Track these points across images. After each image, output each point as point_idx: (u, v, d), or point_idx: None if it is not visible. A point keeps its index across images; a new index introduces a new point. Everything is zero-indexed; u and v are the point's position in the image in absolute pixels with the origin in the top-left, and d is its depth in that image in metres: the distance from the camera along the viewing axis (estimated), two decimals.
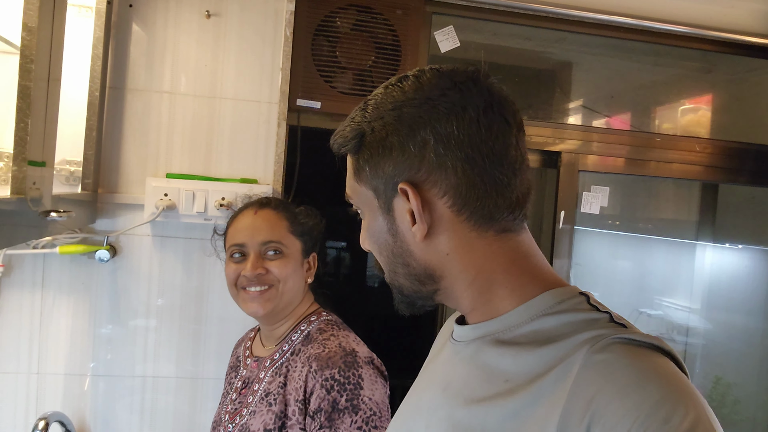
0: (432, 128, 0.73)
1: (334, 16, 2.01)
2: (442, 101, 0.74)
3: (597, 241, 2.85)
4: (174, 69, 1.91)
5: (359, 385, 1.28)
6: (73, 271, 1.88)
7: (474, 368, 0.75)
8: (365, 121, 0.78)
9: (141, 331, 1.92)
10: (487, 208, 0.74)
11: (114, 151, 1.89)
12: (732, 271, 2.70)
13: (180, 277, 1.93)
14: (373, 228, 0.81)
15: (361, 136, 0.78)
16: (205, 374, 1.95)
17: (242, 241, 1.45)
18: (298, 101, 1.98)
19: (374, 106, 0.78)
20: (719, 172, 2.39)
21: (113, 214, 1.88)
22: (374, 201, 0.79)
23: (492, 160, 0.73)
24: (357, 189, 0.82)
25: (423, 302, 0.82)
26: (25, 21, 1.20)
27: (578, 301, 0.74)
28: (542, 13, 2.17)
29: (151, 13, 1.88)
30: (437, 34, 2.12)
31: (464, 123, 0.73)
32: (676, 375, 0.62)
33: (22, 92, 1.21)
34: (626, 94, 2.92)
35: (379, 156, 0.76)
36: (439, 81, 0.75)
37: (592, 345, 0.64)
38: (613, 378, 0.60)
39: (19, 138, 1.22)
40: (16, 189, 1.22)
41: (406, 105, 0.75)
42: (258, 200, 1.54)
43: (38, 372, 1.87)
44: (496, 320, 0.76)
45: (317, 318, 1.48)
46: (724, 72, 2.72)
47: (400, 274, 0.80)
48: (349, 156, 0.82)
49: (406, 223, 0.76)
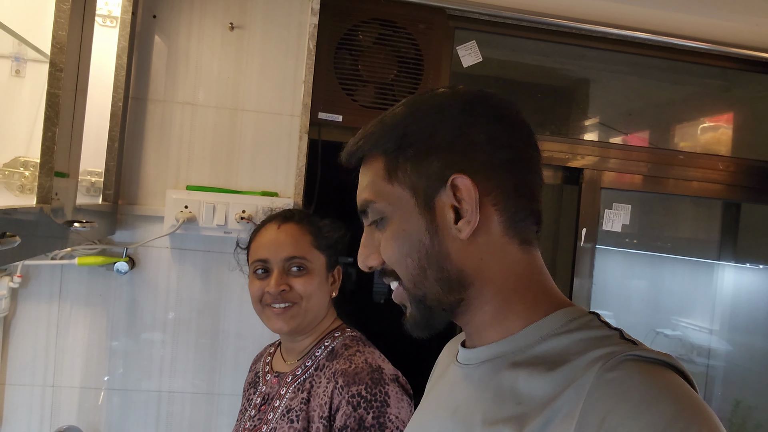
0: (480, 128, 0.76)
1: (357, 30, 2.01)
2: (485, 107, 0.77)
3: (614, 260, 2.82)
4: (196, 80, 1.90)
5: (386, 403, 1.25)
6: (90, 283, 1.86)
7: (484, 391, 0.74)
8: (403, 121, 0.78)
9: (157, 345, 1.90)
10: (523, 213, 0.77)
11: (135, 162, 1.87)
12: (754, 292, 2.66)
13: (198, 290, 1.91)
14: (405, 230, 0.77)
15: (402, 134, 0.77)
16: (221, 389, 1.92)
17: (265, 257, 1.42)
18: (319, 114, 1.97)
19: (411, 109, 0.79)
20: (742, 191, 2.36)
21: (132, 226, 1.87)
22: (410, 201, 0.76)
23: (530, 167, 0.77)
24: (385, 191, 0.78)
25: (441, 317, 0.78)
26: (55, 31, 1.20)
27: (589, 319, 0.74)
28: (563, 28, 2.17)
29: (174, 24, 1.88)
30: (460, 49, 2.11)
31: (508, 127, 0.77)
32: (688, 392, 0.61)
33: (50, 101, 1.20)
34: (644, 112, 2.90)
35: (425, 153, 0.76)
36: (475, 93, 0.79)
37: (603, 363, 0.63)
38: (625, 397, 0.60)
39: (46, 147, 1.21)
40: (41, 199, 1.20)
41: (451, 108, 0.77)
42: (281, 213, 1.51)
43: (53, 385, 1.85)
44: (506, 341, 0.75)
45: (341, 334, 1.45)
46: (744, 90, 2.70)
47: (429, 279, 0.76)
48: (374, 159, 0.80)
49: (447, 220, 0.75)
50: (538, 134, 0.80)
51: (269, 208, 1.62)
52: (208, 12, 1.89)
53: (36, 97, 1.37)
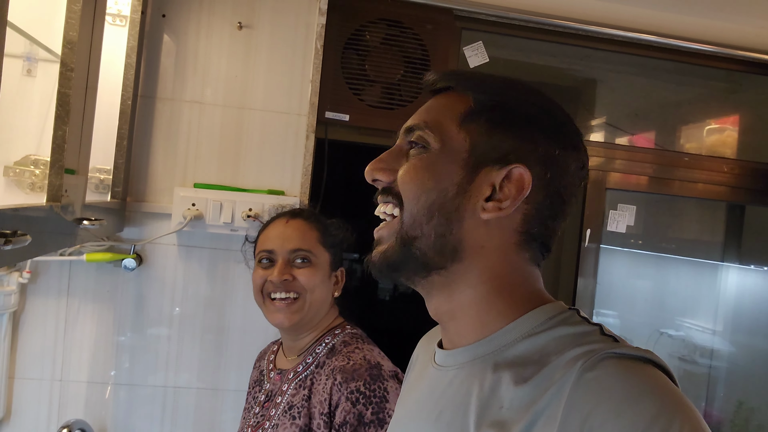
0: (563, 152, 0.76)
1: (364, 30, 2.02)
2: (572, 133, 0.78)
3: (619, 260, 2.83)
4: (204, 79, 1.92)
5: (385, 399, 1.27)
6: (98, 279, 1.88)
7: (466, 395, 0.72)
8: (506, 89, 0.78)
9: (164, 341, 1.92)
10: (540, 236, 0.77)
11: (143, 159, 1.89)
12: (757, 294, 2.66)
13: (204, 287, 1.93)
14: (441, 170, 0.75)
15: (500, 98, 0.77)
16: (227, 385, 1.94)
17: (271, 248, 1.45)
18: (326, 113, 1.98)
19: (516, 85, 0.79)
20: (746, 193, 2.36)
21: (140, 223, 1.89)
22: (463, 153, 0.75)
23: (566, 211, 0.79)
24: (449, 129, 0.76)
25: (414, 269, 0.76)
26: (66, 31, 1.21)
27: (568, 315, 0.73)
28: (570, 29, 2.17)
29: (183, 23, 1.90)
30: (466, 50, 2.12)
31: (575, 165, 0.77)
32: (670, 388, 0.61)
33: (61, 100, 1.22)
34: (650, 113, 2.90)
35: (509, 126, 0.75)
36: (567, 115, 0.79)
37: (583, 362, 0.63)
38: (607, 396, 0.59)
39: (56, 146, 1.22)
40: (51, 197, 1.22)
41: (550, 112, 0.78)
42: (291, 210, 1.54)
43: (61, 379, 1.87)
44: (486, 341, 0.74)
45: (342, 331, 1.46)
46: (751, 92, 2.70)
47: (431, 224, 0.74)
48: (458, 96, 0.78)
49: (480, 192, 0.74)
50: None
51: (278, 206, 1.64)
52: (216, 11, 1.91)
53: (47, 96, 1.39)
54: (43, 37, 1.32)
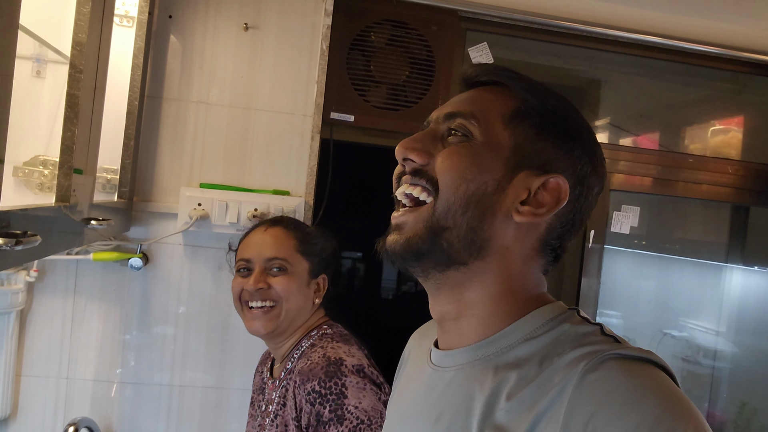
0: (594, 176, 0.79)
1: (370, 31, 2.03)
2: (600, 152, 0.80)
3: (623, 261, 2.83)
4: (211, 80, 1.93)
5: (342, 394, 1.25)
6: (105, 278, 1.89)
7: (467, 397, 0.71)
8: (553, 97, 0.79)
9: (169, 340, 1.93)
10: (555, 249, 0.79)
11: (149, 159, 1.90)
12: (761, 295, 2.66)
13: (210, 286, 1.94)
14: (482, 162, 0.74)
15: (550, 104, 0.77)
16: (232, 384, 1.95)
17: (249, 257, 1.46)
18: (331, 114, 1.99)
19: (560, 96, 0.80)
20: (751, 195, 2.37)
21: (147, 223, 1.90)
22: (505, 152, 0.74)
23: (578, 227, 0.80)
24: (495, 125, 0.76)
25: (434, 259, 0.74)
26: (75, 33, 1.22)
27: (568, 315, 0.74)
28: (574, 31, 2.18)
29: (189, 24, 1.91)
30: (471, 51, 2.13)
31: (597, 187, 0.80)
32: (673, 389, 0.61)
33: (70, 101, 1.23)
34: (655, 114, 2.90)
35: (553, 134, 0.76)
36: (595, 134, 0.81)
37: (586, 363, 0.63)
38: (610, 397, 0.59)
39: (65, 147, 1.23)
40: (60, 197, 1.23)
41: (586, 129, 0.80)
42: (271, 218, 1.56)
43: (67, 377, 1.89)
44: (486, 342, 0.74)
45: (317, 332, 1.46)
46: (755, 93, 2.70)
47: (467, 215, 0.73)
48: (506, 95, 0.78)
49: (516, 194, 0.74)
50: None
51: (261, 214, 1.65)
52: (223, 12, 1.92)
53: (55, 96, 1.40)
54: (52, 38, 1.33)
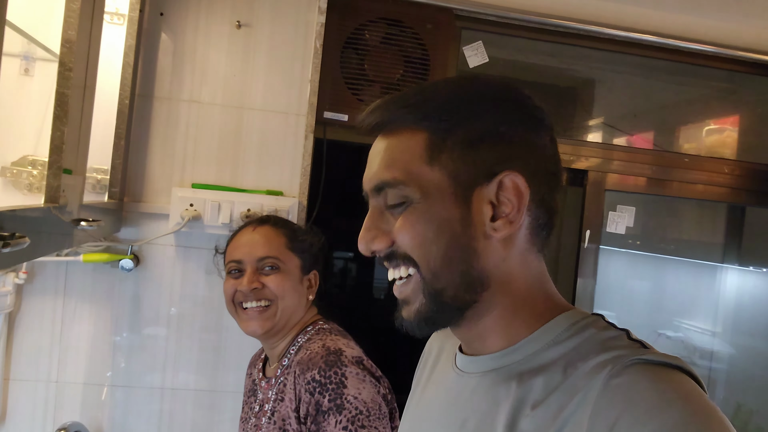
0: (535, 134, 0.74)
1: (364, 29, 2.01)
2: (536, 111, 0.75)
3: (618, 261, 2.82)
4: (203, 78, 1.90)
5: (342, 384, 1.24)
6: (95, 280, 1.86)
7: (493, 404, 0.71)
8: (455, 99, 0.73)
9: (161, 342, 1.90)
10: (546, 222, 0.75)
11: (140, 159, 1.88)
12: (757, 295, 2.66)
13: (202, 288, 1.91)
14: (436, 217, 0.71)
15: (454, 112, 0.72)
16: (225, 387, 1.92)
17: (239, 258, 1.44)
18: (325, 114, 1.97)
19: (461, 88, 0.75)
20: (747, 195, 2.36)
21: (138, 223, 1.87)
22: (448, 188, 0.71)
23: (558, 183, 0.77)
24: (421, 173, 0.71)
25: (450, 315, 0.74)
26: (65, 30, 1.19)
27: (592, 320, 0.72)
28: (569, 29, 2.16)
29: (181, 22, 1.88)
30: (466, 50, 2.11)
31: (553, 138, 0.76)
32: (699, 395, 0.59)
33: (59, 100, 1.20)
34: (649, 113, 2.89)
35: (478, 139, 0.71)
36: (523, 93, 0.76)
37: (611, 368, 0.62)
38: (634, 402, 0.58)
39: (54, 146, 1.21)
40: (49, 198, 1.20)
41: (507, 101, 0.74)
42: (258, 218, 1.54)
43: (57, 380, 1.85)
44: (511, 350, 0.73)
45: (313, 328, 1.45)
46: (750, 93, 2.70)
47: (453, 271, 0.71)
48: (410, 134, 0.73)
49: (483, 216, 0.71)
50: None
51: (246, 215, 1.63)
52: (215, 10, 1.89)
53: (44, 95, 1.37)
54: (41, 35, 1.30)
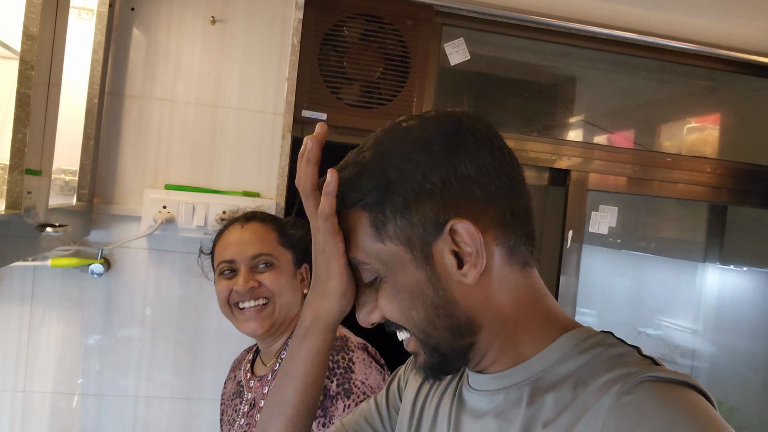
0: (469, 160, 0.69)
1: (343, 25, 1.95)
2: (467, 134, 0.71)
3: (600, 259, 2.81)
4: (176, 76, 1.83)
5: (350, 369, 1.24)
6: (64, 285, 1.79)
7: (504, 421, 0.71)
8: (383, 166, 0.70)
9: (134, 349, 1.84)
10: (522, 237, 0.72)
11: (111, 160, 1.81)
12: (738, 294, 2.66)
13: (177, 293, 1.85)
14: (405, 285, 0.71)
15: (385, 182, 0.69)
16: (201, 393, 1.87)
17: (231, 257, 1.39)
18: (303, 112, 1.92)
19: (387, 150, 0.71)
20: (728, 194, 2.35)
21: (108, 226, 1.80)
22: (405, 255, 0.70)
23: (521, 189, 0.73)
24: (375, 249, 0.71)
25: (456, 362, 0.75)
26: (26, 26, 1.13)
27: (601, 338, 0.71)
28: (551, 27, 2.13)
29: (153, 17, 1.81)
30: (447, 47, 2.07)
31: (496, 151, 0.71)
32: (709, 412, 0.59)
33: (20, 100, 1.14)
34: (630, 111, 2.88)
35: (416, 199, 0.68)
36: (451, 119, 0.72)
37: (621, 386, 0.61)
38: (646, 419, 0.58)
39: (16, 149, 1.14)
40: (12, 203, 1.14)
41: (432, 142, 0.70)
42: (244, 215, 1.49)
43: (24, 390, 1.79)
44: (520, 368, 0.72)
45: None
46: (729, 91, 2.69)
47: (439, 328, 0.72)
48: (355, 215, 0.72)
49: (448, 267, 0.69)
50: (524, 133, 0.76)
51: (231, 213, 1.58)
52: (188, 5, 1.83)
53: (5, 94, 1.30)
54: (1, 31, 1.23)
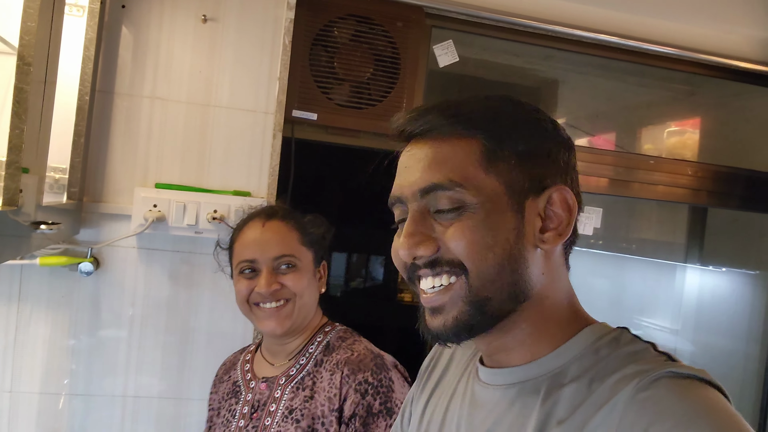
0: (571, 156, 0.77)
1: (333, 26, 1.96)
2: (564, 136, 0.79)
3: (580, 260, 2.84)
4: (167, 74, 1.83)
5: (391, 388, 1.28)
6: (52, 284, 1.77)
7: (519, 416, 0.71)
8: (512, 115, 0.76)
9: (123, 348, 1.82)
10: (575, 239, 0.78)
11: (101, 158, 1.79)
12: (718, 294, 2.72)
13: (167, 291, 1.84)
14: (495, 223, 0.71)
15: (513, 127, 0.74)
16: (190, 393, 1.86)
17: (253, 257, 1.37)
18: (294, 112, 1.92)
19: (513, 107, 0.78)
20: (709, 196, 2.40)
21: (97, 224, 1.79)
22: (503, 196, 0.71)
23: (581, 198, 0.78)
24: (478, 178, 0.71)
25: (487, 323, 0.73)
26: (24, 21, 1.12)
27: (617, 334, 0.73)
28: (536, 29, 2.15)
29: (144, 15, 1.80)
30: (436, 48, 2.09)
31: (575, 161, 0.79)
32: (726, 408, 0.61)
33: (18, 96, 1.13)
34: (611, 114, 2.93)
35: (535, 155, 0.73)
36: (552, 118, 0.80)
37: (639, 381, 0.62)
38: (664, 415, 0.59)
39: (12, 145, 1.13)
40: (8, 200, 1.13)
41: (546, 122, 0.77)
42: (265, 210, 1.45)
43: (11, 390, 1.76)
44: (537, 363, 0.74)
45: (332, 328, 1.44)
46: (708, 95, 2.75)
47: (501, 279, 0.71)
48: (464, 141, 0.72)
49: (534, 227, 0.72)
50: None
51: (247, 207, 1.57)
52: (180, 3, 1.82)
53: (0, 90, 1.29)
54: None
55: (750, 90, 2.48)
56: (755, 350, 2.51)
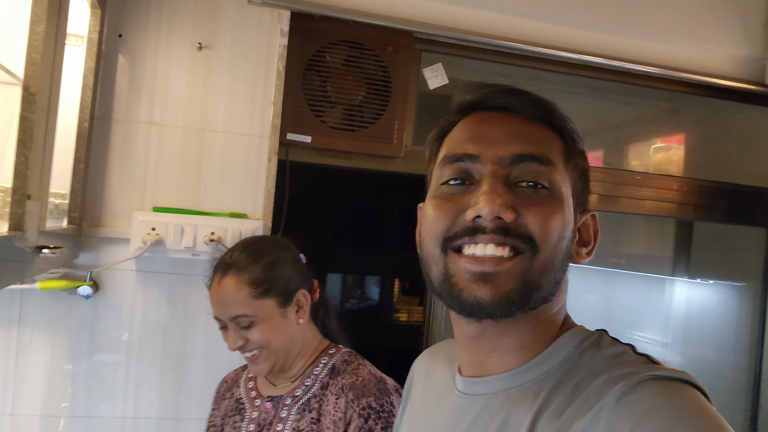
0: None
1: (325, 52, 2.01)
2: None
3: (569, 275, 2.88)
4: (163, 100, 1.87)
5: (392, 413, 1.32)
6: (52, 308, 1.80)
7: (503, 425, 0.71)
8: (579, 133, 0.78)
9: (121, 370, 1.85)
10: None
11: (99, 183, 1.83)
12: (705, 306, 2.76)
13: (164, 314, 1.87)
14: (568, 214, 0.72)
15: (580, 142, 0.78)
16: (188, 414, 1.88)
17: (216, 315, 1.41)
18: (288, 135, 1.96)
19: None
20: (695, 210, 2.45)
21: (96, 248, 1.82)
22: (570, 193, 0.74)
23: None
24: (558, 163, 0.73)
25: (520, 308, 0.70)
26: (29, 53, 1.17)
27: (597, 337, 0.74)
28: (522, 52, 2.21)
29: (141, 43, 1.85)
30: (426, 71, 2.14)
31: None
32: (709, 410, 0.61)
33: (23, 125, 1.17)
34: (598, 132, 2.99)
35: (587, 176, 0.79)
36: None
37: (623, 384, 0.63)
38: (648, 418, 0.59)
39: (18, 172, 1.17)
40: (14, 225, 1.16)
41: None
42: (220, 264, 1.42)
43: (12, 413, 1.78)
44: (520, 371, 0.73)
45: (336, 351, 1.47)
46: (691, 112, 2.82)
47: (558, 271, 0.72)
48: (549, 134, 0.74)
49: (575, 238, 0.75)
50: None
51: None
52: (175, 31, 1.87)
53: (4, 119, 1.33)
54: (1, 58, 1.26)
55: (731, 106, 2.55)
56: (743, 361, 2.54)
